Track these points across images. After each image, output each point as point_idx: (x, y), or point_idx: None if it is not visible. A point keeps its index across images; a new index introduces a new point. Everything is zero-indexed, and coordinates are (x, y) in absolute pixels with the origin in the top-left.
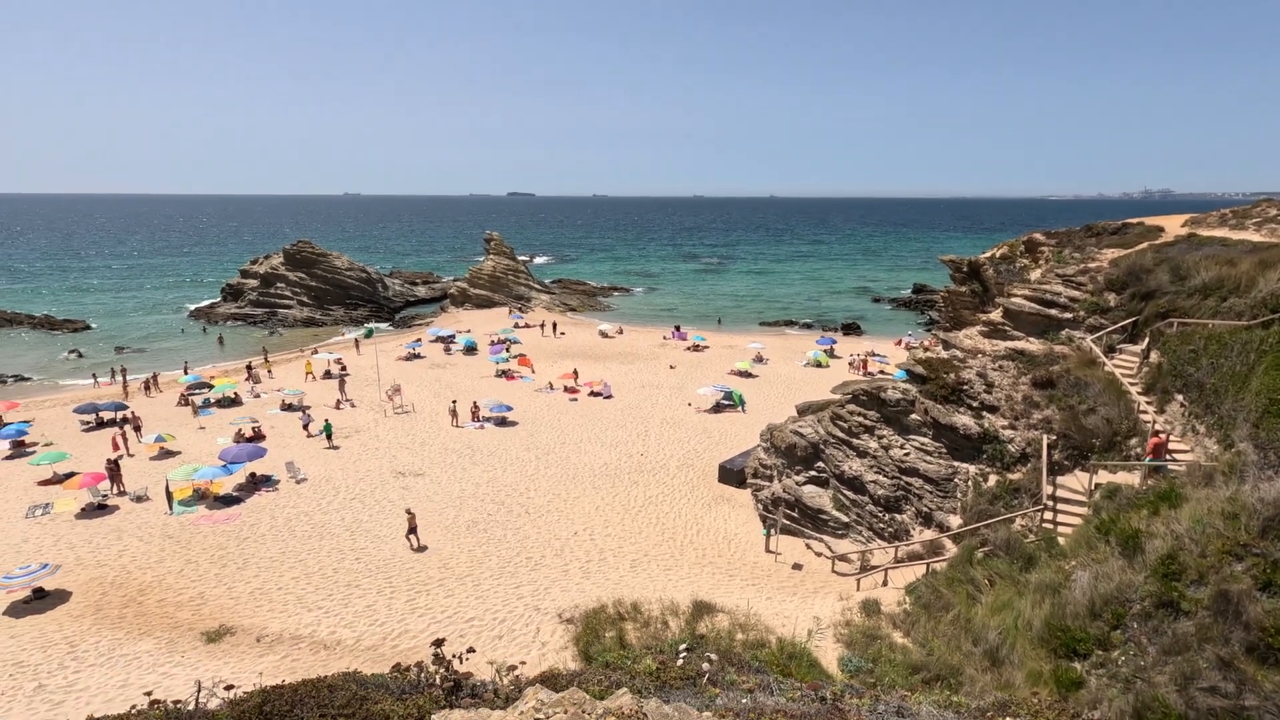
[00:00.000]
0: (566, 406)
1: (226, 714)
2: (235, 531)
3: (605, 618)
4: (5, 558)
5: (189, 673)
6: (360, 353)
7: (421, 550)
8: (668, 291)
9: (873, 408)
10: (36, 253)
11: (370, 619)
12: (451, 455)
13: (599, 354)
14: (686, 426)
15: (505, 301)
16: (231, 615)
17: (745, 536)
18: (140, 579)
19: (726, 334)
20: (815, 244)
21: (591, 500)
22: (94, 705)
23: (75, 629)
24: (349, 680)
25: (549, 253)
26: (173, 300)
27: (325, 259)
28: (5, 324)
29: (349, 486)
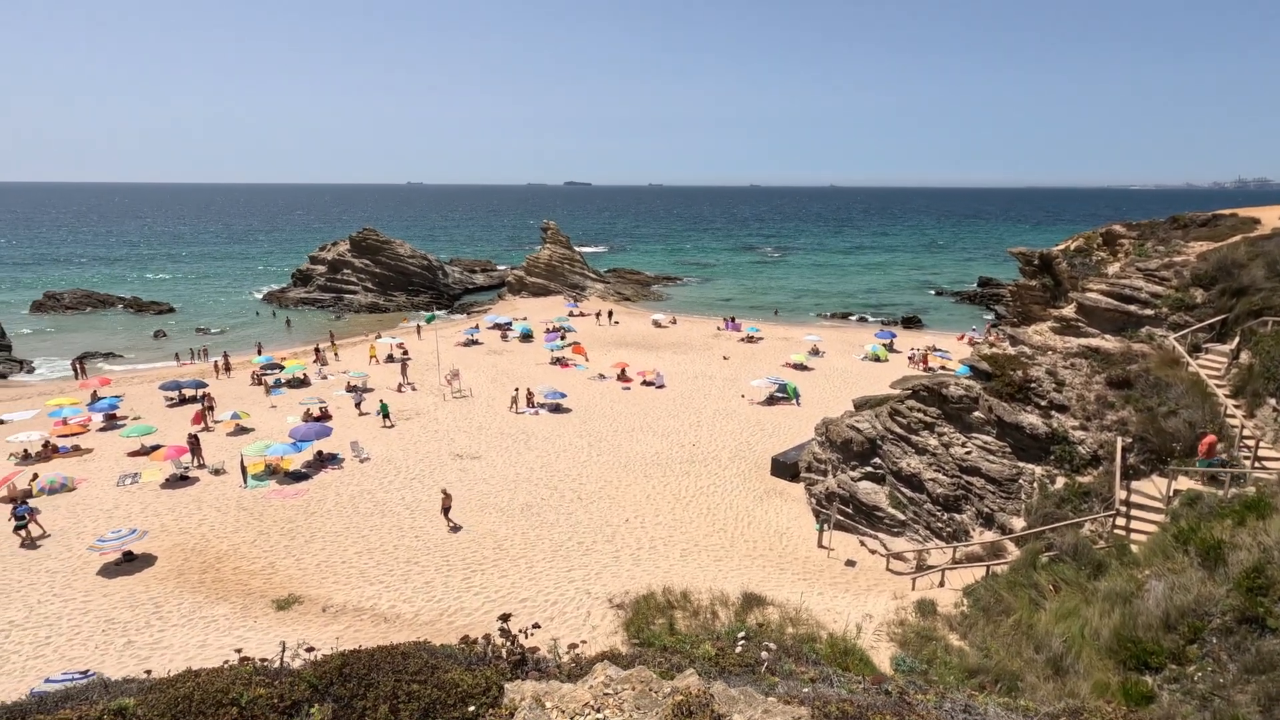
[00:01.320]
0: (619, 395)
1: (310, 673)
2: (303, 506)
3: (655, 605)
4: (98, 522)
5: (261, 637)
6: (421, 338)
7: (456, 530)
8: (723, 282)
9: (934, 404)
10: (119, 239)
11: (428, 595)
12: (507, 440)
13: (652, 343)
14: (739, 418)
15: (561, 290)
16: (299, 585)
17: (797, 531)
18: (217, 547)
19: (782, 325)
20: (876, 235)
21: (642, 488)
22: (176, 662)
23: (160, 590)
24: (420, 649)
25: (604, 242)
26: (247, 284)
27: (389, 246)
28: (100, 305)
29: (409, 467)
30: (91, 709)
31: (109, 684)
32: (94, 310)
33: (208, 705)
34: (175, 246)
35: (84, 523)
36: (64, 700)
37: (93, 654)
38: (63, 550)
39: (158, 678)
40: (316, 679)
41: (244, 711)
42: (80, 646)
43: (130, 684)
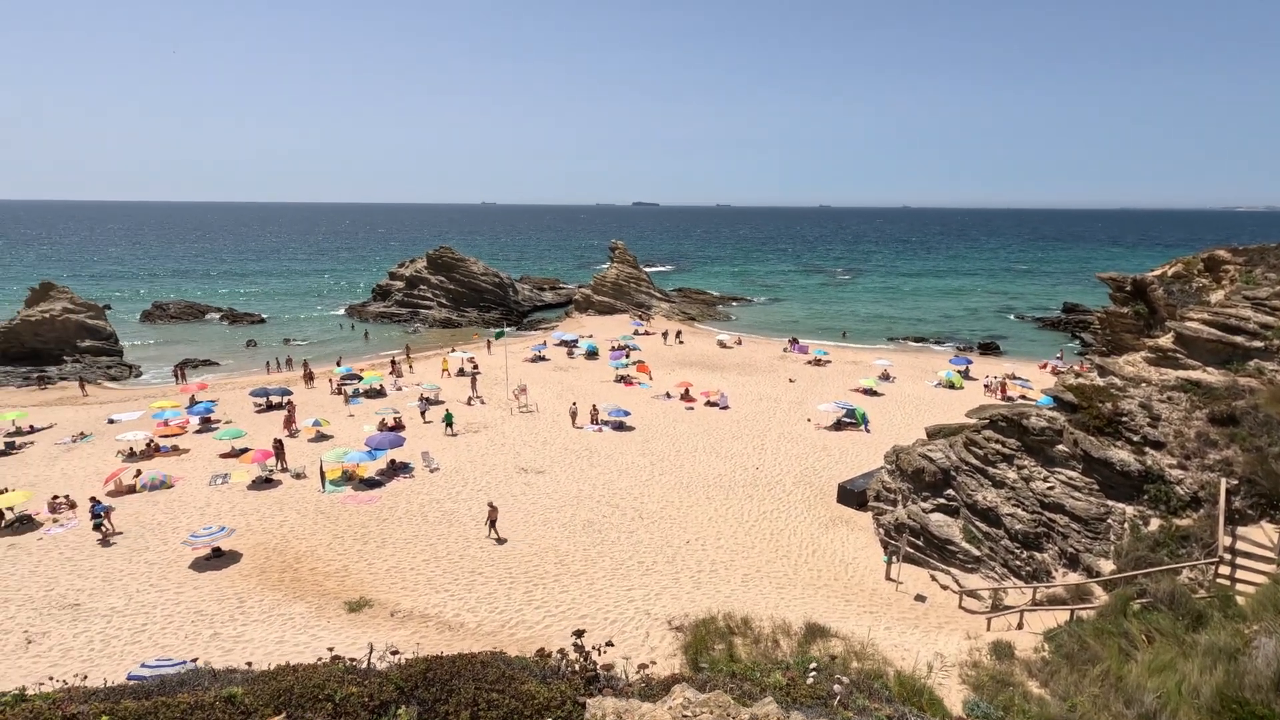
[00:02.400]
0: (682, 415)
1: (397, 676)
2: (376, 512)
3: (715, 630)
4: (191, 518)
5: (333, 637)
6: (491, 353)
7: (501, 543)
8: (790, 303)
9: (1013, 435)
10: (218, 254)
11: (491, 606)
12: (571, 455)
13: (717, 364)
14: (805, 442)
15: (627, 308)
16: (370, 589)
17: (864, 561)
18: (296, 548)
19: (850, 349)
20: (953, 259)
21: (704, 510)
22: (256, 656)
23: (244, 586)
24: (497, 659)
25: (671, 261)
26: (331, 298)
27: (463, 264)
28: (199, 315)
29: (476, 479)
30: (205, 695)
31: (216, 673)
32: (194, 320)
33: (306, 699)
34: (267, 261)
35: (179, 518)
36: (180, 685)
37: (183, 643)
38: (160, 543)
39: (260, 670)
40: (403, 681)
41: (338, 707)
42: (172, 635)
43: (235, 674)
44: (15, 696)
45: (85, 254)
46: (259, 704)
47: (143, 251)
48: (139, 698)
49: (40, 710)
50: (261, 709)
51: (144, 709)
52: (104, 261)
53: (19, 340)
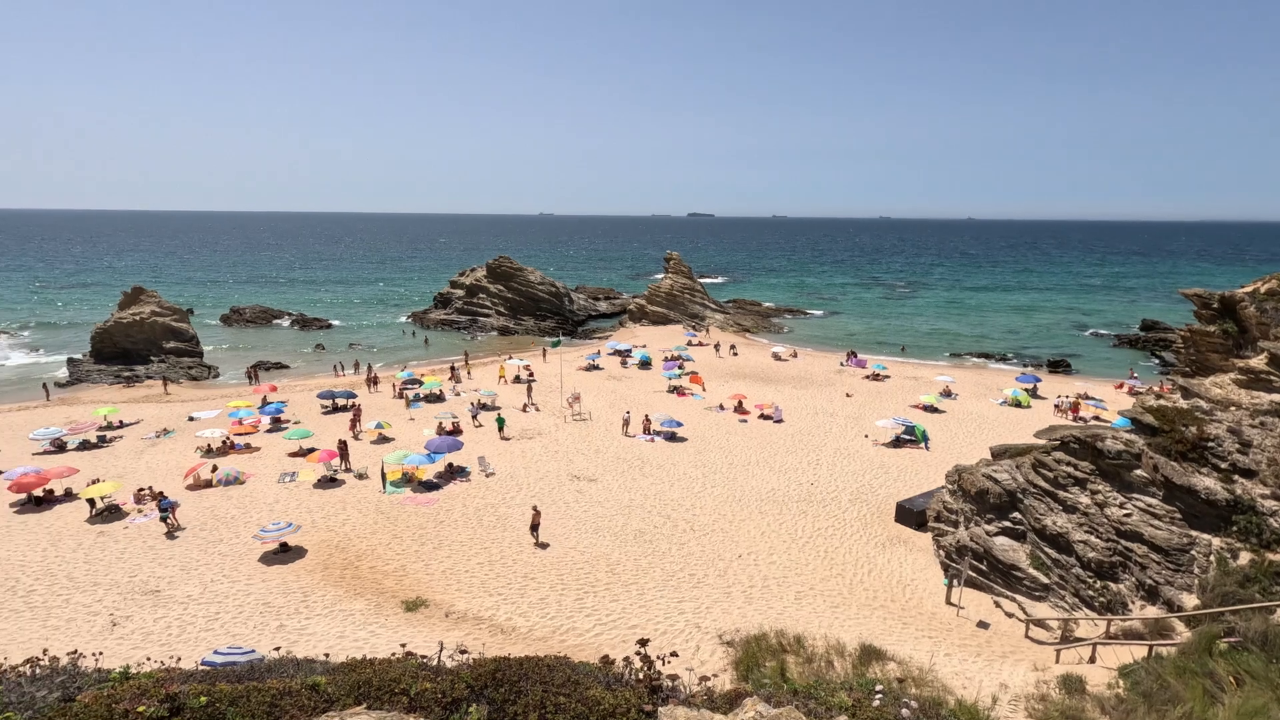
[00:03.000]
0: (736, 427)
1: (468, 674)
2: (433, 514)
3: (766, 646)
4: (261, 514)
5: (391, 634)
6: (546, 361)
7: (543, 547)
8: (847, 316)
9: (1086, 458)
10: (288, 262)
11: (542, 612)
12: (623, 465)
13: (771, 376)
14: (861, 459)
15: (681, 319)
16: (426, 589)
17: (923, 584)
18: (357, 546)
19: (910, 364)
20: (1021, 272)
21: (757, 525)
22: (319, 649)
23: (308, 581)
24: (562, 663)
25: (726, 273)
26: (394, 305)
27: (521, 273)
28: (272, 319)
29: (530, 485)
30: (291, 682)
31: (299, 661)
32: (268, 324)
33: (383, 692)
34: (336, 270)
35: (250, 513)
36: (268, 671)
37: (251, 632)
38: (232, 536)
39: (339, 661)
40: (473, 680)
41: (413, 701)
42: (242, 625)
43: (315, 664)
44: (121, 674)
45: (172, 261)
46: (340, 693)
47: (221, 259)
48: (232, 681)
49: (146, 687)
50: (343, 698)
51: (237, 692)
52: (188, 268)
53: (112, 341)
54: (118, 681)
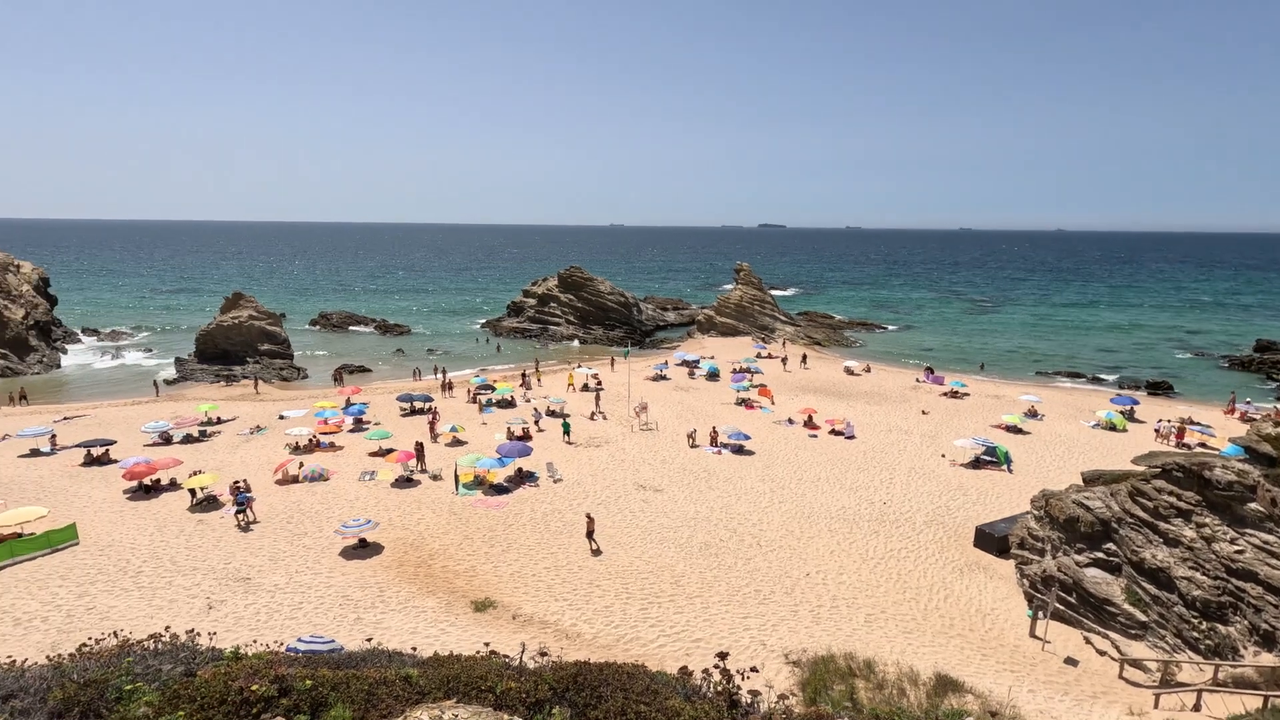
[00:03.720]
0: (805, 442)
1: (550, 676)
2: (503, 517)
3: (835, 669)
4: (343, 510)
5: (460, 633)
6: (615, 370)
7: (597, 554)
8: (924, 331)
9: (1191, 487)
10: (369, 271)
11: (606, 619)
12: (689, 476)
13: (843, 391)
14: (938, 479)
15: (750, 331)
16: (495, 590)
17: (1004, 613)
18: (430, 546)
19: (992, 381)
20: (1117, 287)
21: (826, 543)
22: (393, 644)
23: (384, 577)
24: (641, 671)
25: (797, 284)
26: (469, 312)
27: (591, 283)
28: (356, 324)
29: (596, 492)
30: (386, 672)
31: (390, 654)
32: (352, 329)
33: (471, 688)
34: (415, 278)
35: (332, 508)
36: (363, 660)
37: (331, 623)
38: (316, 530)
39: (427, 655)
40: (555, 682)
41: (499, 700)
42: (322, 615)
43: (404, 656)
44: (233, 653)
45: (265, 268)
46: (431, 686)
47: (310, 267)
48: (331, 668)
49: (257, 668)
50: (433, 691)
51: (338, 678)
52: (281, 276)
53: (213, 342)
54: (231, 660)
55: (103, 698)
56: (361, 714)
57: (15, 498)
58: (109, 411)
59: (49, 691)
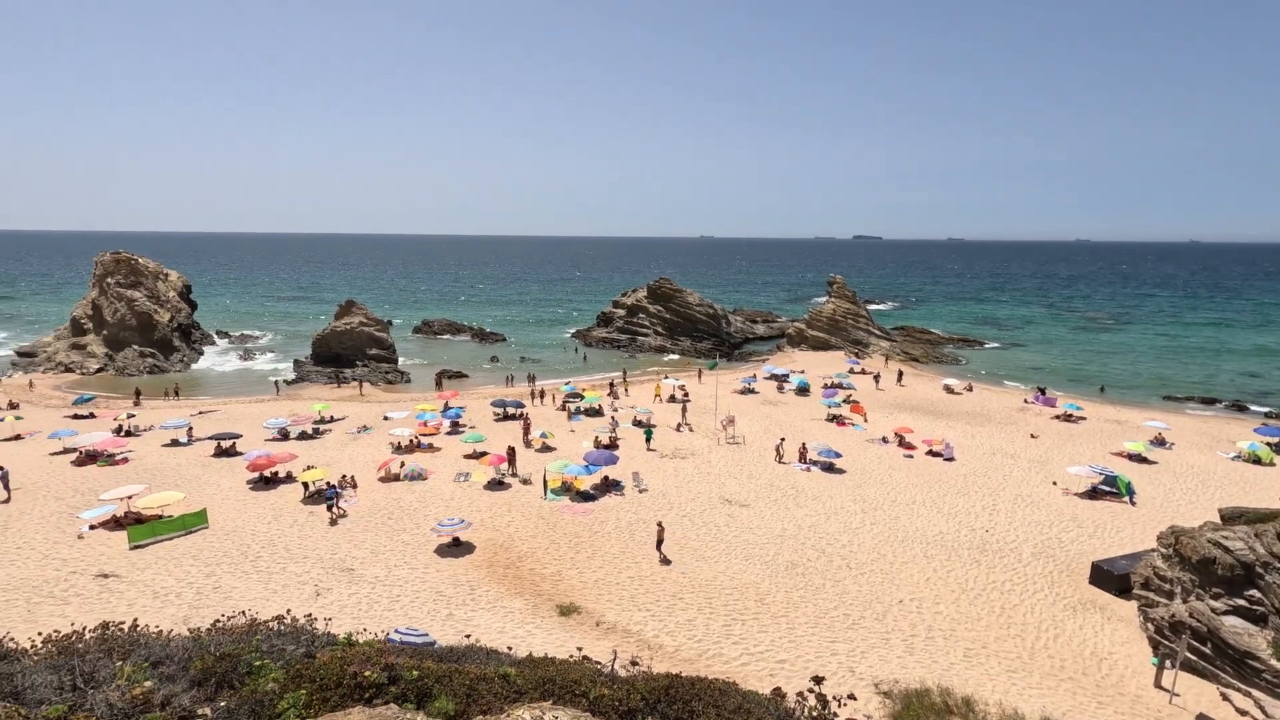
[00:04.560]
0: (900, 462)
1: (643, 686)
2: (589, 524)
3: (930, 704)
4: (439, 509)
5: (546, 635)
6: (701, 382)
7: (666, 563)
8: (1033, 349)
9: None
10: (467, 281)
11: (689, 633)
12: (776, 492)
13: (941, 410)
14: (1048, 508)
15: (842, 345)
16: (580, 596)
17: (1124, 659)
18: (519, 548)
19: (1111, 405)
20: (1263, 305)
21: (921, 569)
22: (484, 642)
23: (475, 576)
24: (733, 689)
25: (893, 298)
26: (560, 322)
27: (680, 295)
28: (455, 332)
29: (681, 505)
30: (485, 669)
31: (489, 651)
32: (452, 336)
33: (566, 691)
34: (511, 289)
35: (429, 507)
36: (463, 655)
37: (426, 617)
38: (413, 527)
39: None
40: (647, 693)
41: (593, 705)
42: (418, 609)
43: (503, 655)
44: (346, 639)
45: (371, 277)
46: (528, 687)
47: (414, 277)
48: (435, 660)
49: (369, 655)
50: (530, 691)
51: (442, 671)
52: (383, 284)
53: (327, 346)
54: (345, 646)
55: (235, 671)
56: (463, 708)
57: (158, 483)
58: (236, 408)
59: (190, 661)
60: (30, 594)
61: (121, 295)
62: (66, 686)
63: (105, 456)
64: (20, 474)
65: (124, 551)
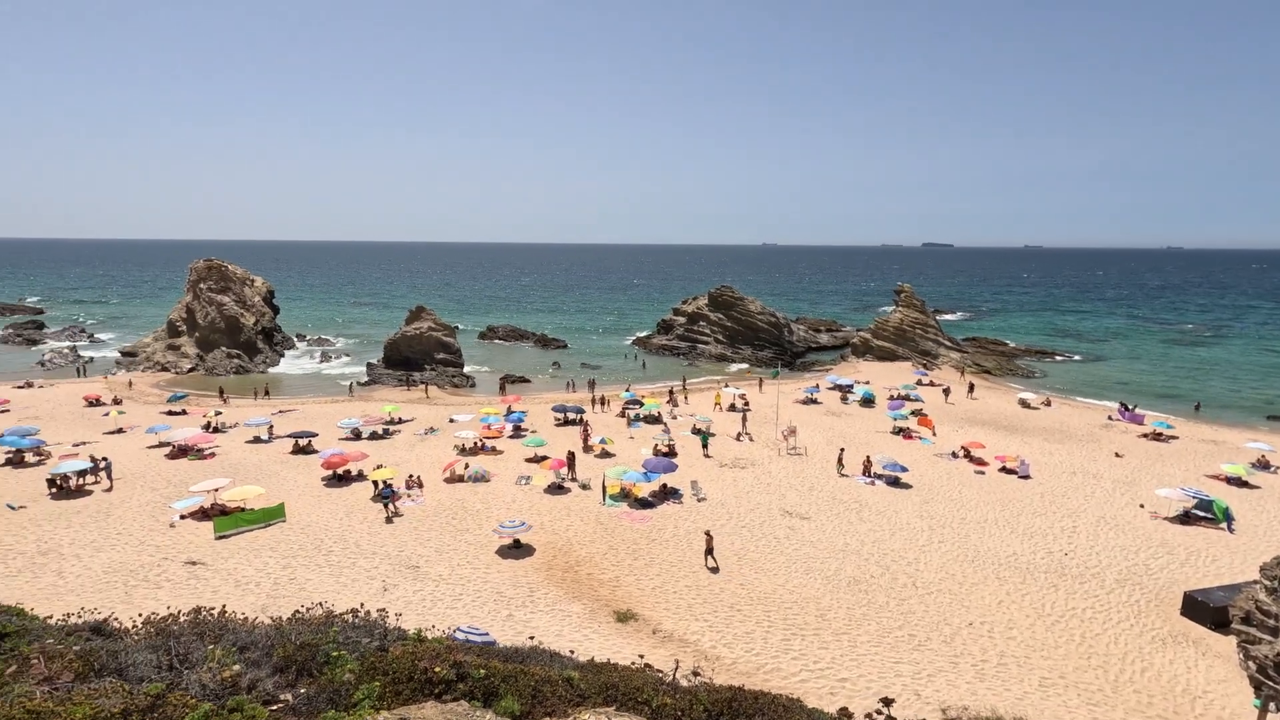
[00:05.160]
0: (970, 479)
1: (705, 697)
2: (647, 531)
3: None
4: (500, 511)
5: (603, 641)
6: (762, 391)
7: (715, 571)
8: (1118, 362)
9: None
10: (530, 288)
11: (747, 646)
12: (839, 506)
13: (1016, 425)
14: (1134, 533)
15: (909, 356)
16: (637, 603)
17: (1220, 700)
18: (578, 552)
19: (1208, 425)
20: None
21: (993, 591)
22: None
23: (534, 578)
24: (796, 706)
25: (965, 308)
26: (620, 329)
27: (742, 303)
28: (520, 338)
29: (740, 515)
30: (550, 671)
31: (552, 654)
32: (515, 342)
33: (628, 698)
34: (572, 296)
35: (492, 508)
36: (527, 657)
37: (487, 617)
38: (476, 528)
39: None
40: (710, 704)
41: (655, 713)
42: (479, 609)
43: (565, 659)
44: (417, 635)
45: (439, 282)
46: (591, 691)
47: (479, 284)
48: (502, 660)
49: (438, 651)
50: (593, 696)
51: (508, 670)
52: (454, 290)
53: (398, 350)
54: (415, 641)
55: (314, 660)
56: (528, 708)
57: (241, 477)
58: (313, 408)
59: (273, 648)
60: (128, 577)
61: (212, 300)
62: (164, 666)
63: (195, 451)
64: (121, 465)
65: (210, 541)
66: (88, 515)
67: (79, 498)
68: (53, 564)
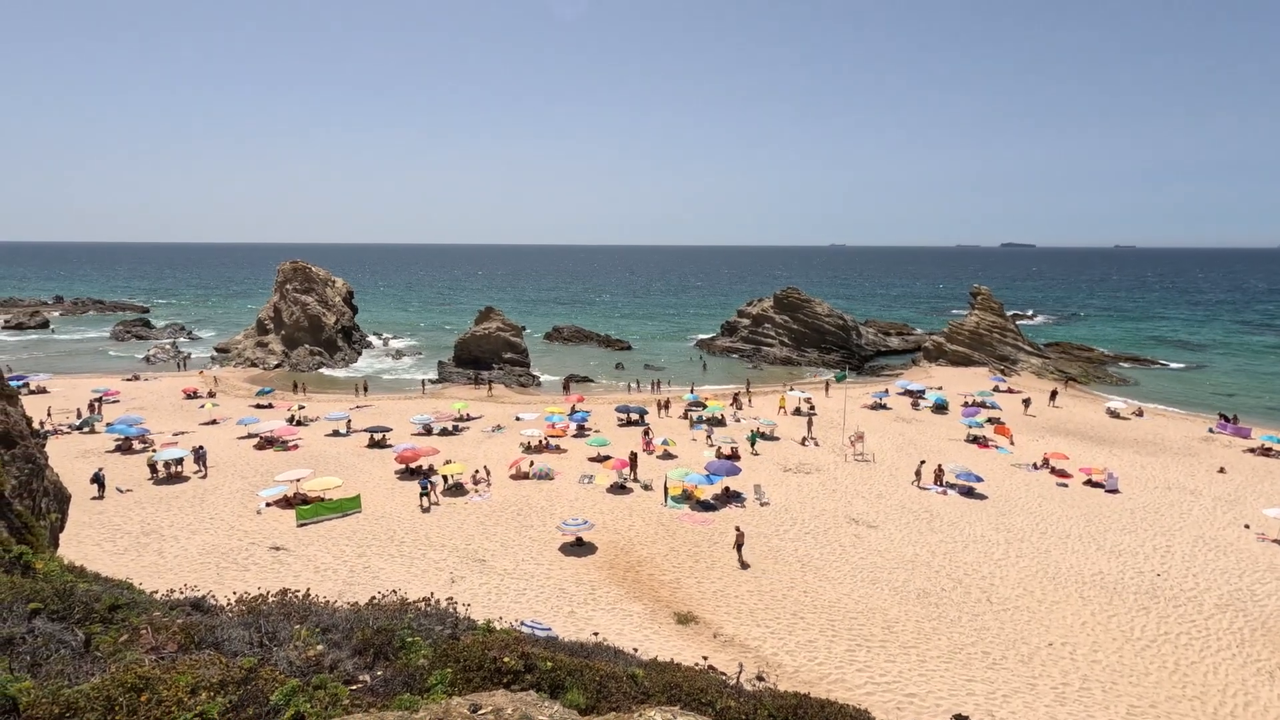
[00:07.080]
0: (1052, 491)
1: (770, 702)
2: (708, 534)
3: None
4: (563, 509)
5: (664, 642)
6: (829, 395)
7: (745, 568)
8: (1220, 370)
9: None
10: (597, 289)
11: (809, 654)
12: (908, 515)
13: (1104, 436)
14: (1238, 554)
15: (986, 361)
16: (697, 606)
17: None
18: (639, 553)
19: None
20: None
21: (1076, 611)
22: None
23: (596, 576)
24: (864, 717)
25: (1048, 311)
26: (684, 330)
27: (808, 305)
28: (584, 339)
29: (804, 521)
30: (614, 666)
31: (616, 651)
32: (580, 343)
33: (691, 699)
34: (637, 299)
35: (555, 506)
36: (592, 653)
37: (549, 612)
38: (540, 524)
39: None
40: (774, 710)
41: (719, 715)
42: (542, 604)
43: (629, 656)
44: (486, 625)
45: (505, 283)
46: (655, 689)
47: (546, 285)
48: (570, 654)
49: (507, 642)
50: (657, 694)
51: (574, 664)
52: (521, 291)
53: (467, 349)
54: (485, 632)
55: (390, 644)
56: (594, 703)
57: (321, 468)
58: (387, 404)
59: (353, 631)
60: (219, 559)
61: (297, 300)
62: (255, 642)
63: (280, 442)
64: (214, 454)
65: (292, 528)
66: (185, 500)
67: (177, 484)
68: (154, 544)
